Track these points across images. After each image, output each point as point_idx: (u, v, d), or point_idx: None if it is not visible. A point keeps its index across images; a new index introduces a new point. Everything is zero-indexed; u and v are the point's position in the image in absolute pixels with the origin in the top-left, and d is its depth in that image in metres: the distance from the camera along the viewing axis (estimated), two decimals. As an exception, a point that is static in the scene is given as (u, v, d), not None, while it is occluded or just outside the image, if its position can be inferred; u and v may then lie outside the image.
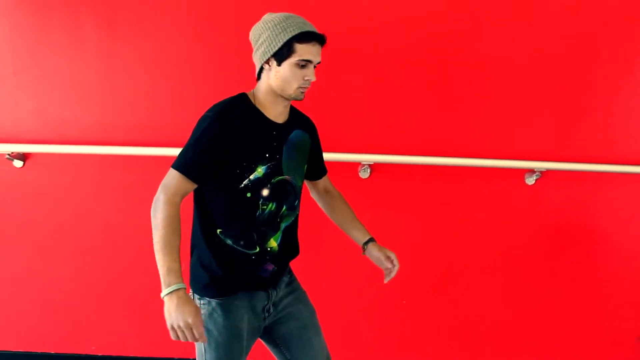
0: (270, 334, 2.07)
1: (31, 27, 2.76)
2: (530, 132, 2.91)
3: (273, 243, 1.94)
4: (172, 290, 1.67)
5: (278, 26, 1.75)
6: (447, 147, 2.88)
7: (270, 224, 1.91)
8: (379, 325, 3.07)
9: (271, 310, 2.00)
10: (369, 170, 2.87)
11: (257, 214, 1.86)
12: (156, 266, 2.94)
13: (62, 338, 3.06)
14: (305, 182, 2.17)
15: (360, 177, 2.86)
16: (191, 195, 1.87)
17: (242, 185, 1.81)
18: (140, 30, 2.76)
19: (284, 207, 1.94)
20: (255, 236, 1.88)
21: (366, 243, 2.10)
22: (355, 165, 2.85)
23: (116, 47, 2.77)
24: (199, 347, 1.91)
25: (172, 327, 1.66)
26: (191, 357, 3.04)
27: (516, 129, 2.90)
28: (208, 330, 1.87)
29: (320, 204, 2.23)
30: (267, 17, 1.82)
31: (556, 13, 2.80)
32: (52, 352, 3.07)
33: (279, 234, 1.95)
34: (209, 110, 1.81)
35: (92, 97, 2.82)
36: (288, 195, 1.94)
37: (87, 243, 2.96)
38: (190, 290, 1.93)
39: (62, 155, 2.85)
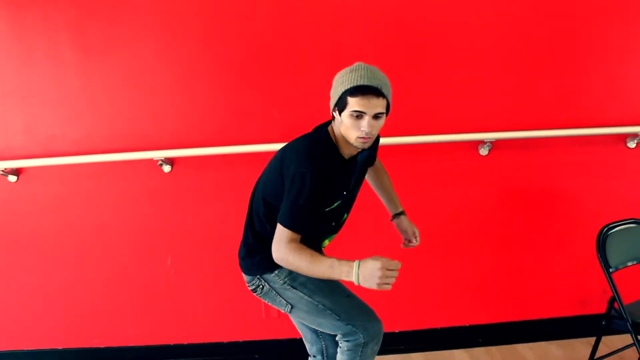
0: None
1: (15, 53, 3.04)
2: (478, 105, 3.13)
3: (326, 242, 2.24)
4: (355, 270, 1.84)
5: (339, 80, 1.94)
6: (402, 127, 3.10)
7: (330, 231, 2.19)
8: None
9: None
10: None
11: (320, 227, 2.14)
12: (147, 259, 3.22)
13: (67, 334, 3.33)
14: None
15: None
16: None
17: (319, 215, 2.05)
18: (113, 48, 3.03)
19: (345, 216, 2.21)
20: (312, 242, 2.10)
21: (398, 215, 2.41)
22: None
23: (93, 65, 3.04)
24: (307, 300, 2.08)
25: (379, 285, 1.81)
26: (186, 343, 3.31)
27: (465, 103, 3.12)
28: (301, 283, 2.09)
29: (369, 179, 2.47)
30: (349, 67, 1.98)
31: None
32: (60, 348, 3.34)
33: (334, 235, 2.24)
34: (305, 164, 1.93)
35: (75, 112, 3.09)
36: (348, 207, 2.21)
37: (84, 246, 3.22)
38: (258, 276, 2.16)
39: (52, 167, 3.11)
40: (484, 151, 3.16)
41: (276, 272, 2.12)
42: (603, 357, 2.88)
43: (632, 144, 3.21)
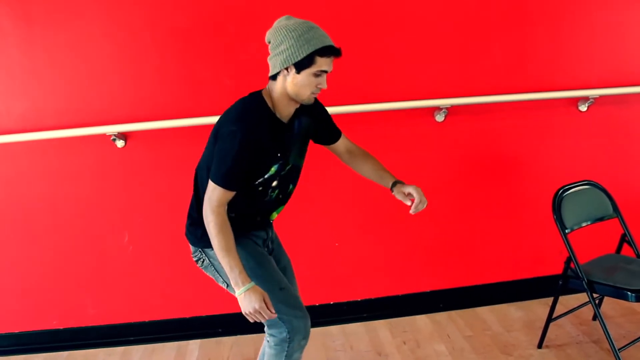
0: None
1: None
2: (434, 72, 3.13)
3: (274, 215, 2.22)
4: (243, 289, 1.92)
5: (302, 38, 1.88)
6: (358, 94, 3.09)
7: (276, 203, 2.17)
8: (315, 267, 3.28)
9: (269, 245, 2.28)
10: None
11: (265, 199, 2.11)
12: (103, 237, 3.14)
13: (23, 317, 3.25)
14: (329, 149, 2.38)
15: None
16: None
17: (257, 182, 2.04)
18: (55, 17, 2.90)
19: (290, 187, 2.19)
20: (258, 217, 2.15)
21: (393, 184, 2.28)
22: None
23: (34, 34, 2.91)
24: None
25: (245, 314, 1.95)
26: (148, 320, 3.28)
27: (420, 71, 3.12)
28: None
29: (350, 166, 2.41)
30: (288, 24, 1.94)
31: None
32: (16, 332, 3.26)
33: (282, 207, 2.22)
34: (235, 122, 1.95)
35: (19, 86, 2.97)
36: (293, 178, 2.18)
37: (35, 225, 3.13)
38: (200, 249, 2.18)
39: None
40: (440, 117, 3.17)
41: None
42: (560, 316, 2.95)
43: (583, 107, 3.26)
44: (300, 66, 1.91)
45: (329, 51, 1.92)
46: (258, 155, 1.97)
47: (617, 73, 3.24)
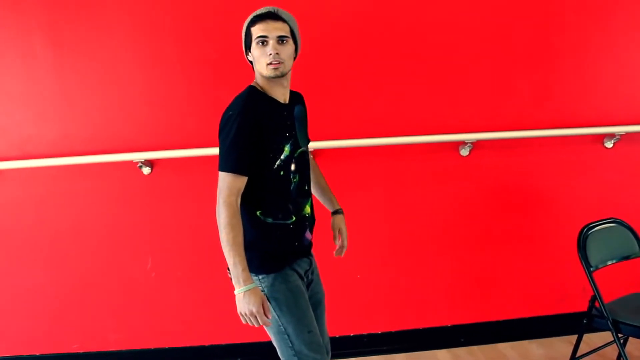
0: None
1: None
2: (459, 106, 3.15)
3: (308, 209, 2.18)
4: (242, 289, 1.87)
5: (244, 24, 2.01)
6: (383, 128, 3.11)
7: (302, 193, 2.14)
8: (337, 298, 3.26)
9: (310, 276, 2.23)
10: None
11: (291, 187, 2.08)
12: (127, 262, 3.17)
13: (45, 339, 3.27)
14: None
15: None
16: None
17: (276, 165, 2.02)
18: (87, 46, 2.99)
19: (308, 174, 2.18)
20: (291, 207, 2.09)
21: (335, 212, 2.37)
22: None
23: (66, 63, 3.00)
24: (273, 317, 2.04)
25: (240, 314, 1.90)
26: (167, 346, 3.28)
27: (445, 105, 3.14)
28: (275, 299, 2.04)
29: None
30: None
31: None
32: (37, 354, 3.28)
33: (310, 199, 2.19)
34: (232, 108, 1.96)
35: (51, 112, 3.04)
36: (307, 163, 2.18)
37: (62, 249, 3.17)
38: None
39: (29, 169, 3.06)
40: (464, 152, 3.17)
41: (260, 277, 2.07)
42: (584, 355, 2.90)
43: (609, 144, 3.25)
44: (247, 46, 2.02)
45: (257, 19, 1.97)
46: (264, 134, 1.96)
47: (644, 110, 3.24)
